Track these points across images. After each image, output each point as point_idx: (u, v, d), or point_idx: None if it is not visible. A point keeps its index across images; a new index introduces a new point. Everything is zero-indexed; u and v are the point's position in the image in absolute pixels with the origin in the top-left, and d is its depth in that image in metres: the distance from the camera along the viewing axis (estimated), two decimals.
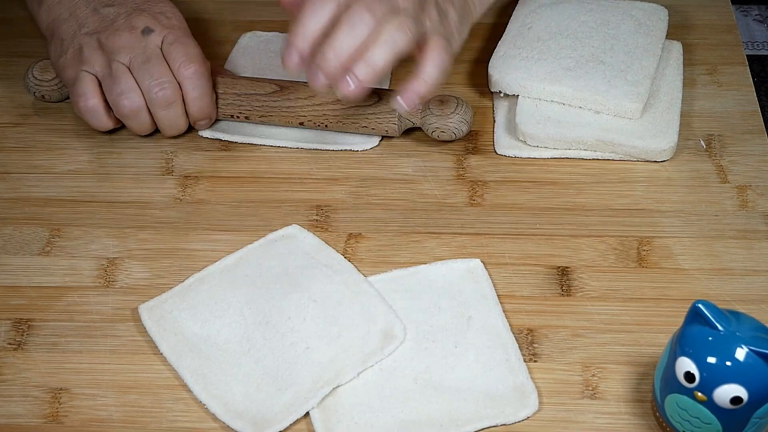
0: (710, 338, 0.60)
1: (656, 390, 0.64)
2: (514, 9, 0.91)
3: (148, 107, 0.80)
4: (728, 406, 0.60)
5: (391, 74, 0.88)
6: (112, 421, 0.67)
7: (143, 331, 0.72)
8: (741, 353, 0.60)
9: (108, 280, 0.75)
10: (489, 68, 0.86)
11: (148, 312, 0.72)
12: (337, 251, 0.76)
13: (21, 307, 0.74)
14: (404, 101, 0.74)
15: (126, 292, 0.74)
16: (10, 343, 0.72)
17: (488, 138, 0.85)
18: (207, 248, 0.77)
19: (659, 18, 0.90)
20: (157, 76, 0.79)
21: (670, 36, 0.89)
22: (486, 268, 0.75)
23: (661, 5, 0.91)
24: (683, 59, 0.88)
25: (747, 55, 0.92)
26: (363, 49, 0.71)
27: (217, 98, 0.83)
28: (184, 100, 0.81)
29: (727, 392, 0.60)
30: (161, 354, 0.70)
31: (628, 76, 0.84)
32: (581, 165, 0.82)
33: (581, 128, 0.82)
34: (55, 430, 0.67)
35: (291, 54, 0.72)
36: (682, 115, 0.84)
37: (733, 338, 0.60)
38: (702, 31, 0.93)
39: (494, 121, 0.86)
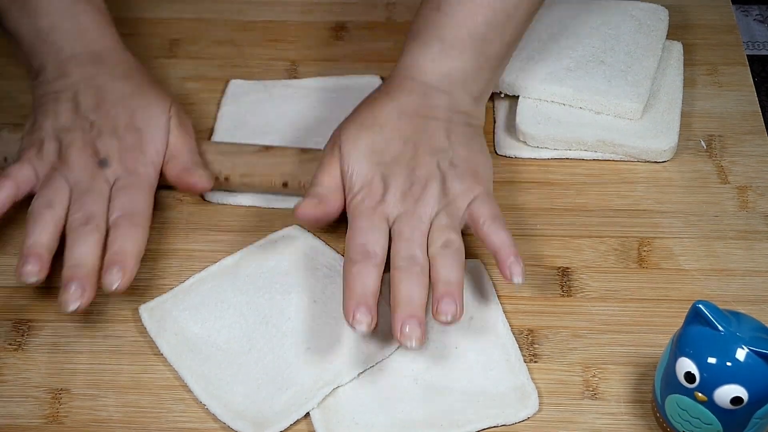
0: (710, 339, 0.60)
1: (657, 390, 0.64)
2: None
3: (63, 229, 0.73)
4: (728, 406, 0.60)
5: None
6: (112, 421, 0.67)
7: (144, 331, 0.72)
8: (741, 354, 0.60)
9: None
10: None
11: (149, 312, 0.72)
12: (338, 252, 0.76)
13: (21, 307, 0.74)
14: (517, 277, 0.69)
15: (126, 293, 0.74)
16: (10, 344, 0.72)
17: (488, 138, 0.84)
18: (207, 249, 0.77)
19: (660, 18, 0.89)
20: (88, 209, 0.73)
21: (670, 36, 0.89)
22: (486, 269, 0.75)
23: (662, 5, 0.91)
24: (684, 59, 0.88)
25: (747, 55, 0.91)
26: (437, 289, 0.68)
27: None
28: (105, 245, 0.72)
29: (727, 392, 0.60)
30: (161, 354, 0.70)
31: (629, 77, 0.84)
32: (582, 165, 0.82)
33: (582, 129, 0.82)
34: (55, 430, 0.67)
35: (362, 314, 0.67)
36: (683, 115, 0.84)
37: (734, 339, 0.60)
38: (702, 31, 0.93)
39: (494, 122, 0.86)
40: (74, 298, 0.69)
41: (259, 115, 0.86)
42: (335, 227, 0.78)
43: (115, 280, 0.69)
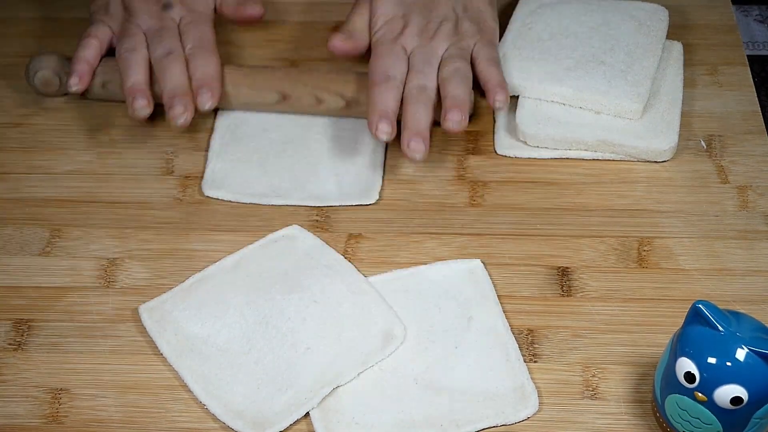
0: (710, 338, 0.60)
1: (656, 390, 0.64)
2: (514, 9, 0.91)
3: (151, 68, 0.83)
4: (728, 406, 0.60)
5: None
6: (112, 421, 0.67)
7: (143, 331, 0.72)
8: (741, 353, 0.60)
9: (108, 280, 0.75)
10: None
11: (149, 312, 0.72)
12: (338, 251, 0.76)
13: (21, 307, 0.74)
14: (499, 103, 0.81)
15: (126, 293, 0.74)
16: (10, 344, 0.72)
17: (489, 138, 0.85)
18: (207, 248, 0.77)
19: (660, 18, 0.89)
20: (167, 44, 0.83)
21: (670, 36, 0.89)
22: (486, 269, 0.75)
23: (662, 5, 0.91)
24: (684, 59, 0.88)
25: (747, 56, 0.91)
26: (446, 102, 0.79)
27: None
28: (188, 71, 0.82)
29: (727, 392, 0.60)
30: (161, 354, 0.70)
31: (629, 77, 0.84)
32: (582, 165, 0.82)
33: (582, 128, 0.82)
34: (55, 430, 0.67)
35: (381, 123, 0.78)
36: (683, 115, 0.84)
37: (734, 338, 0.60)
38: (702, 32, 0.93)
39: (495, 122, 0.86)
40: (180, 112, 0.79)
41: (258, 112, 0.86)
42: (335, 227, 0.78)
43: (207, 100, 0.81)
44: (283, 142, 0.84)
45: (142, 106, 0.80)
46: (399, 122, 0.79)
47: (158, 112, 0.84)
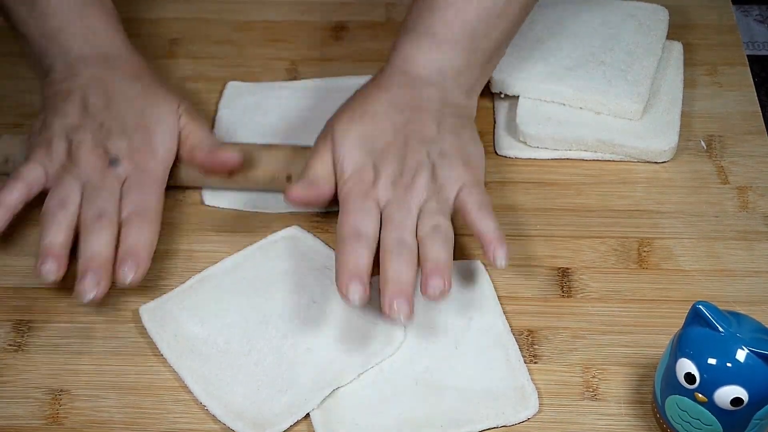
0: (711, 339, 0.60)
1: (657, 391, 0.64)
2: None
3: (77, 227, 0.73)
4: (729, 407, 0.60)
5: None
6: (112, 422, 0.67)
7: (144, 332, 0.72)
8: (741, 354, 0.60)
9: None
10: None
11: (149, 313, 0.72)
12: None
13: (21, 308, 0.74)
14: (500, 260, 0.71)
15: (126, 294, 0.74)
16: (10, 345, 0.72)
17: (489, 139, 0.84)
18: (207, 249, 0.77)
19: (660, 18, 0.89)
20: (101, 205, 0.73)
21: (670, 36, 0.89)
22: (486, 269, 0.75)
23: (662, 5, 0.91)
24: (684, 59, 0.88)
25: (747, 56, 0.91)
26: (426, 268, 0.70)
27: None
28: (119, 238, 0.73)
29: (727, 393, 0.60)
30: (162, 355, 0.70)
31: (629, 77, 0.84)
32: (581, 166, 0.82)
33: (582, 129, 0.82)
34: (55, 431, 0.67)
35: (352, 283, 0.68)
36: (683, 115, 0.84)
37: (734, 339, 0.60)
38: (702, 32, 0.93)
39: (495, 122, 0.86)
40: (90, 287, 0.70)
41: (256, 117, 0.86)
42: (334, 227, 0.78)
43: (129, 274, 0.71)
44: None
45: (50, 271, 0.70)
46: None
47: None
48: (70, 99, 0.78)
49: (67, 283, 0.75)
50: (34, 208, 0.75)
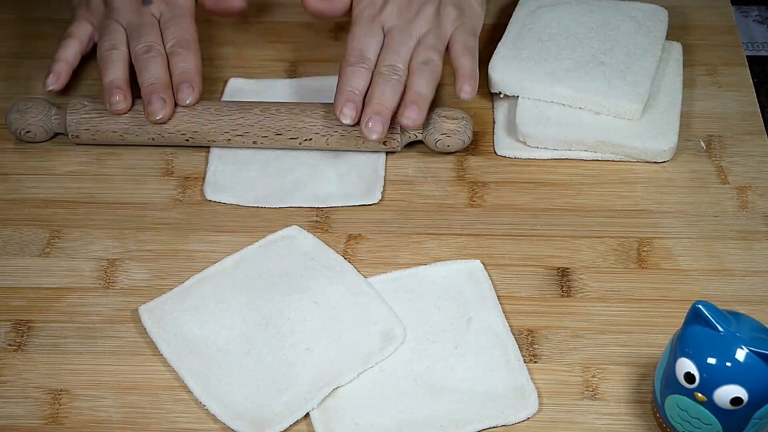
0: (710, 339, 0.60)
1: (656, 391, 0.64)
2: (513, 10, 0.91)
3: (131, 63, 0.83)
4: (728, 406, 0.60)
5: None
6: (112, 422, 0.67)
7: (143, 332, 0.72)
8: (741, 354, 0.60)
9: (108, 281, 0.75)
10: (489, 69, 0.86)
11: (148, 313, 0.72)
12: (337, 252, 0.76)
13: (21, 308, 0.74)
14: (465, 94, 0.81)
15: (126, 294, 0.74)
16: (10, 345, 0.72)
17: (488, 139, 0.85)
18: (207, 249, 0.77)
19: (659, 19, 0.89)
20: (146, 40, 0.83)
21: (670, 37, 0.89)
22: (486, 269, 0.75)
23: (661, 6, 0.91)
24: (683, 60, 0.88)
25: (747, 56, 0.92)
26: (407, 95, 0.80)
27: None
28: (169, 68, 0.83)
29: (727, 393, 0.60)
30: (161, 355, 0.70)
31: (628, 77, 0.84)
32: (581, 166, 0.82)
33: (581, 129, 0.82)
34: (55, 431, 0.67)
35: (346, 105, 0.78)
36: (682, 115, 0.84)
37: (733, 339, 0.60)
38: (702, 32, 0.93)
39: (494, 122, 0.86)
40: (159, 107, 0.80)
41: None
42: (335, 228, 0.78)
43: (189, 96, 0.82)
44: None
45: (118, 102, 0.81)
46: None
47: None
48: None
49: (67, 283, 0.75)
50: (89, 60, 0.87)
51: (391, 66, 0.80)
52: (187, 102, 0.81)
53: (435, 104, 0.82)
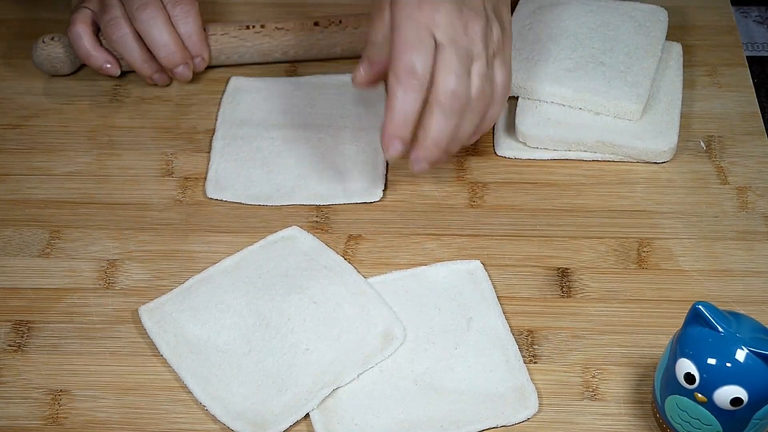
0: (710, 339, 0.60)
1: (656, 391, 0.64)
2: (514, 11, 0.91)
3: (138, 37, 0.85)
4: (728, 407, 0.60)
5: None
6: (111, 422, 0.67)
7: (143, 332, 0.72)
8: (741, 354, 0.60)
9: (108, 281, 0.75)
10: None
11: (148, 314, 0.72)
12: (337, 253, 0.76)
13: (21, 308, 0.74)
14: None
15: (126, 294, 0.74)
16: (10, 345, 0.72)
17: (488, 139, 0.85)
18: (207, 250, 0.77)
19: (659, 19, 0.89)
20: (144, 6, 0.84)
21: (670, 37, 0.89)
22: (486, 270, 0.75)
23: (661, 6, 0.91)
24: (683, 60, 0.88)
25: (747, 57, 0.92)
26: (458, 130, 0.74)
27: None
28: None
29: (727, 393, 0.60)
30: (161, 356, 0.70)
31: (628, 78, 0.84)
32: (581, 166, 0.82)
33: (581, 130, 0.82)
34: (54, 431, 0.67)
35: (394, 143, 0.72)
36: (682, 116, 0.84)
37: (733, 339, 0.60)
38: (702, 33, 0.93)
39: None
40: (186, 74, 0.86)
41: (260, 112, 0.86)
42: (335, 228, 0.78)
43: (201, 64, 0.88)
44: (285, 141, 0.84)
45: (111, 69, 0.87)
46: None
47: (158, 109, 0.84)
48: None
49: (67, 283, 0.75)
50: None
51: (454, 93, 0.72)
52: (200, 69, 0.87)
53: None
